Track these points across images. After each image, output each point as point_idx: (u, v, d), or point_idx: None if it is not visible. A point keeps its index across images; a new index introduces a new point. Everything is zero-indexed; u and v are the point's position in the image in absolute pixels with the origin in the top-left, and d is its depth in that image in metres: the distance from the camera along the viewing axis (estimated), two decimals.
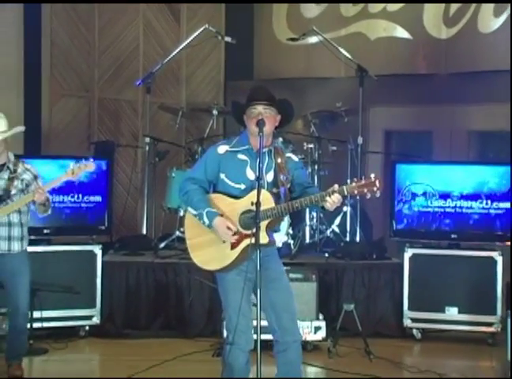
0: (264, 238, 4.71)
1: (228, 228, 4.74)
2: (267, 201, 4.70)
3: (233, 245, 4.82)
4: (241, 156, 4.90)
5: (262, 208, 4.63)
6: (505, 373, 6.24)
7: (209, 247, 4.88)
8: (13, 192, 5.92)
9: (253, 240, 4.60)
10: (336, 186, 4.58)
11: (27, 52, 9.33)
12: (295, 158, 5.09)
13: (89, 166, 5.93)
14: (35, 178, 6.05)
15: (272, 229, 4.89)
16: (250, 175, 4.85)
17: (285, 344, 4.92)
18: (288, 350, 4.92)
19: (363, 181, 4.59)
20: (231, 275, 4.86)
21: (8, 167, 5.99)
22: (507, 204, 7.49)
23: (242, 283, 4.75)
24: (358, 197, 7.97)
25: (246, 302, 4.75)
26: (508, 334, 6.23)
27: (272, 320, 4.87)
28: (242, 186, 4.85)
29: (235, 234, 4.76)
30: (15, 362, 6.19)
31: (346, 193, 4.62)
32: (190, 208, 4.89)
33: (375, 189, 4.57)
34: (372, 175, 4.62)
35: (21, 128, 6.16)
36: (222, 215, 4.78)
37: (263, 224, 4.70)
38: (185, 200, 4.94)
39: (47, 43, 9.52)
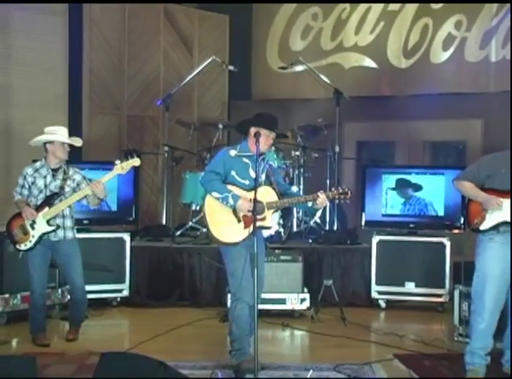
0: (269, 222, 5.19)
1: (250, 206, 4.96)
2: (272, 194, 5.14)
3: (246, 226, 5.06)
4: (245, 160, 5.21)
5: (269, 200, 5.09)
6: (451, 333, 6.29)
7: (227, 224, 5.12)
8: (67, 189, 5.97)
9: (263, 223, 5.08)
10: (322, 191, 5.07)
11: (71, 79, 9.35)
12: (274, 165, 5.67)
13: (136, 162, 5.90)
14: (84, 178, 6.07)
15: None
16: (252, 174, 5.14)
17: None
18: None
19: (340, 190, 5.09)
20: (237, 247, 5.08)
21: (63, 170, 6.03)
22: (455, 201, 7.52)
23: (245, 253, 4.96)
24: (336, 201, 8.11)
25: (249, 267, 4.92)
26: (454, 303, 6.28)
27: None
28: (247, 182, 5.15)
29: (246, 216, 5.03)
30: (74, 327, 6.25)
31: (331, 197, 5.11)
32: (214, 193, 5.10)
33: (347, 197, 5.10)
34: (346, 188, 5.12)
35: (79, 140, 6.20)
36: None
37: (269, 212, 5.12)
38: (209, 187, 5.15)
39: (87, 71, 9.53)
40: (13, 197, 6.06)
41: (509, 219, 4.94)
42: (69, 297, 6.56)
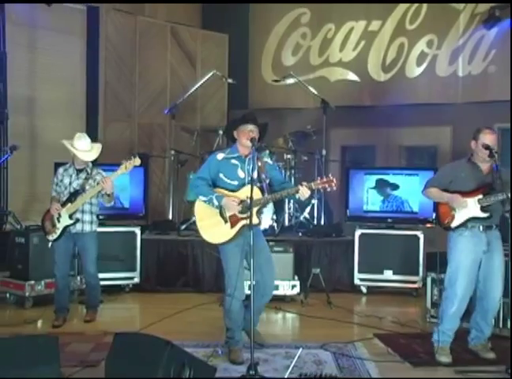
0: (255, 220, 4.81)
1: (234, 201, 4.84)
2: (256, 194, 4.80)
3: (232, 225, 4.90)
4: (233, 161, 5.00)
5: (254, 197, 4.71)
6: (424, 315, 6.31)
7: (215, 227, 4.95)
8: (87, 188, 5.99)
9: (247, 221, 4.70)
10: (305, 183, 4.75)
11: (88, 91, 9.42)
12: (270, 162, 5.33)
13: (136, 161, 5.85)
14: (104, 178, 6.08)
15: (260, 213, 4.97)
16: (241, 174, 4.96)
17: (264, 292, 5.02)
18: (265, 297, 5.06)
19: (324, 179, 4.73)
20: (230, 246, 4.93)
21: (86, 170, 6.07)
22: (428, 199, 7.54)
23: (238, 253, 4.81)
24: (322, 192, 8.02)
25: (241, 266, 4.81)
26: (427, 289, 6.31)
27: (259, 277, 4.93)
28: (235, 183, 4.96)
29: (233, 216, 4.86)
30: (91, 310, 6.30)
31: (313, 187, 4.75)
32: (201, 197, 4.96)
33: (333, 184, 4.71)
34: (330, 175, 4.77)
35: (100, 145, 6.21)
36: None
37: (254, 210, 4.79)
38: (196, 192, 5.01)
39: (102, 83, 9.53)
40: (51, 193, 6.18)
41: (475, 215, 4.99)
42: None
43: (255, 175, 4.92)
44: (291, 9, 10.82)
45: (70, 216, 5.96)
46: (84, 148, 5.99)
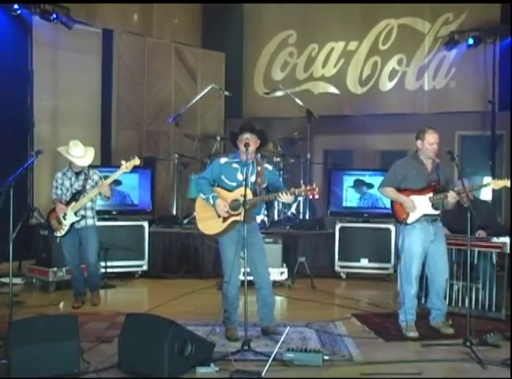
0: (244, 217, 4.77)
1: (224, 206, 4.85)
2: (248, 195, 4.77)
3: (224, 220, 4.91)
4: (234, 165, 5.00)
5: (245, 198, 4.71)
6: (395, 298, 6.33)
7: (210, 220, 4.97)
8: (88, 187, 5.97)
9: (239, 218, 4.77)
10: (292, 189, 4.72)
11: (103, 103, 9.43)
12: (270, 167, 5.19)
13: (136, 161, 5.77)
14: (101, 178, 6.05)
15: (251, 211, 4.93)
16: (240, 177, 4.94)
17: (259, 285, 5.02)
18: (262, 289, 5.03)
19: (308, 187, 4.67)
20: (225, 239, 4.95)
21: (84, 172, 6.04)
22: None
23: (233, 245, 4.84)
24: (305, 197, 8.06)
25: (236, 256, 4.81)
26: (397, 274, 6.30)
27: (252, 269, 4.95)
28: (234, 184, 4.96)
29: (227, 212, 4.86)
30: (94, 293, 6.29)
31: (297, 193, 4.71)
32: (201, 194, 5.00)
33: (315, 192, 4.64)
34: (314, 184, 4.73)
35: (92, 150, 6.13)
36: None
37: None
38: (198, 189, 5.03)
39: (115, 96, 9.56)
40: (51, 197, 6.14)
41: (427, 212, 5.11)
42: (102, 270, 6.68)
43: (253, 179, 4.94)
44: (280, 31, 10.89)
45: (76, 213, 5.94)
46: (79, 155, 5.93)
